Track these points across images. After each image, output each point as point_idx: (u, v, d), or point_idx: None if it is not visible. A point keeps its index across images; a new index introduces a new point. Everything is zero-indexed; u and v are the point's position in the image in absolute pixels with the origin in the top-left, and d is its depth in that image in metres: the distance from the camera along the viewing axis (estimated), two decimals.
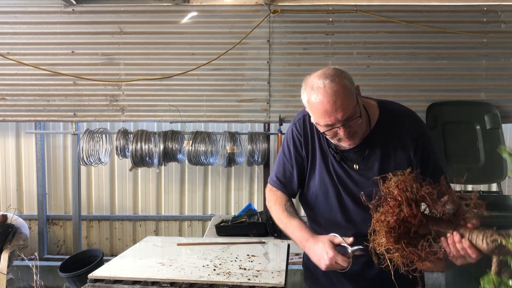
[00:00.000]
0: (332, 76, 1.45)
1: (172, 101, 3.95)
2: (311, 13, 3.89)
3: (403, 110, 1.67)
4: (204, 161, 3.83)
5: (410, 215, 1.25)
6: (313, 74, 1.51)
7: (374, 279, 1.68)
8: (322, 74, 1.47)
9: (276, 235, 3.00)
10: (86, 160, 3.84)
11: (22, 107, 3.99)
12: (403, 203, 1.26)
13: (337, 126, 1.46)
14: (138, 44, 3.94)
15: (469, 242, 1.23)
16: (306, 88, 1.50)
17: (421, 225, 1.28)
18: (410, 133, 1.59)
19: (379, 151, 1.60)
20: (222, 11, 3.92)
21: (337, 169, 1.63)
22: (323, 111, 1.45)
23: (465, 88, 3.89)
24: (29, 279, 3.88)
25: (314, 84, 1.46)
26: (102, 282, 1.56)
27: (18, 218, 3.75)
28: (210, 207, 4.42)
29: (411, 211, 1.25)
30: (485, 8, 3.86)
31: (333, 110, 1.43)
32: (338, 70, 1.50)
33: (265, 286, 1.51)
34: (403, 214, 1.26)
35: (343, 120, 1.45)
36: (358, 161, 1.61)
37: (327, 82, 1.44)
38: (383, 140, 1.60)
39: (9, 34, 3.96)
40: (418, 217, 1.26)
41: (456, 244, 1.24)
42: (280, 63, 3.93)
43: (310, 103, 1.49)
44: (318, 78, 1.46)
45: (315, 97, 1.45)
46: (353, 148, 1.60)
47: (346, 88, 1.45)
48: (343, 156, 1.62)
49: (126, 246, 4.36)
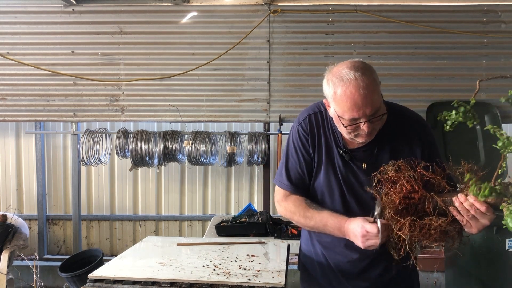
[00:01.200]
0: (363, 69, 1.42)
1: (172, 101, 3.95)
2: (311, 13, 3.89)
3: (410, 113, 1.68)
4: (204, 161, 3.83)
5: (412, 191, 1.34)
6: (341, 65, 1.45)
7: (373, 280, 1.68)
8: (353, 66, 1.42)
9: (276, 235, 3.00)
10: (86, 160, 3.84)
11: (22, 107, 3.99)
12: (403, 181, 1.35)
13: (362, 121, 1.43)
14: (138, 44, 3.94)
15: (474, 197, 1.28)
16: (333, 79, 1.45)
17: (425, 200, 1.34)
18: (417, 135, 1.60)
19: (388, 150, 1.59)
20: (222, 11, 3.92)
21: (343, 170, 1.61)
22: (353, 104, 1.40)
23: (465, 88, 3.88)
24: (29, 279, 3.88)
25: (344, 76, 1.41)
26: (102, 282, 1.56)
27: (18, 218, 3.76)
28: (210, 207, 4.42)
29: (411, 187, 1.34)
30: (485, 8, 3.85)
31: (362, 105, 1.39)
32: (366, 63, 1.46)
33: (265, 286, 1.50)
34: (405, 189, 1.34)
35: (369, 115, 1.42)
36: (367, 160, 1.59)
37: (358, 74, 1.39)
38: (391, 140, 1.60)
39: (9, 34, 3.96)
40: (420, 192, 1.34)
41: (464, 203, 1.28)
42: (280, 63, 3.93)
43: (337, 94, 1.43)
44: (349, 70, 1.41)
45: (344, 90, 1.40)
46: (362, 147, 1.59)
47: (375, 82, 1.43)
48: (351, 156, 1.60)
49: (126, 246, 4.36)
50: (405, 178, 1.36)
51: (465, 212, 1.28)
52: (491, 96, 3.87)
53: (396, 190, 1.35)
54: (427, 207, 1.34)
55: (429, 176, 1.37)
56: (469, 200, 1.27)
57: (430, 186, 1.38)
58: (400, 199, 1.33)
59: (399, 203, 1.33)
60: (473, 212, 1.27)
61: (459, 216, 1.30)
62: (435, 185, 1.38)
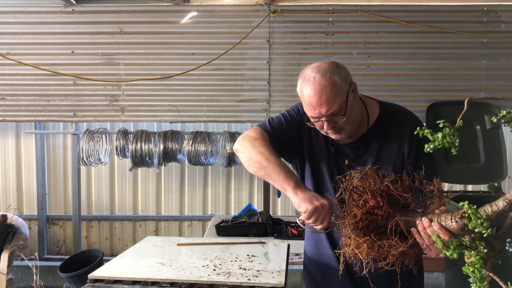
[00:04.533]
0: (324, 70, 1.47)
1: (172, 101, 3.94)
2: (311, 13, 3.89)
3: (403, 111, 1.66)
4: (204, 161, 3.83)
5: (376, 206, 1.25)
6: (310, 65, 1.54)
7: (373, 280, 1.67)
8: (316, 67, 1.50)
9: (276, 235, 3.00)
10: (86, 160, 3.84)
11: (22, 107, 3.99)
12: (368, 194, 1.26)
13: (322, 120, 1.49)
14: (138, 44, 3.94)
15: (438, 224, 1.21)
16: (300, 78, 1.54)
17: (388, 216, 1.26)
18: (406, 134, 1.59)
19: (375, 150, 1.59)
20: (222, 11, 3.92)
21: (331, 162, 1.64)
22: (309, 104, 1.48)
23: (465, 88, 3.88)
24: (29, 279, 3.88)
25: (306, 76, 1.49)
26: (102, 282, 1.56)
27: (18, 218, 3.76)
28: (210, 207, 4.42)
29: (376, 202, 1.25)
30: (485, 8, 3.85)
31: (317, 104, 1.46)
32: (333, 64, 1.50)
33: (265, 286, 1.50)
34: (368, 205, 1.25)
35: (327, 115, 1.47)
36: (351, 157, 1.61)
37: (317, 76, 1.46)
38: (380, 139, 1.60)
39: (9, 34, 3.95)
40: (384, 208, 1.25)
41: (427, 229, 1.22)
42: (280, 63, 3.92)
43: (301, 93, 1.53)
44: (311, 71, 1.49)
45: (305, 89, 1.49)
46: (349, 144, 1.61)
47: (334, 84, 1.46)
48: (337, 149, 1.63)
49: (126, 246, 4.36)
50: (371, 190, 1.27)
51: (426, 238, 1.23)
52: (491, 96, 3.87)
53: (359, 203, 1.27)
54: (388, 224, 1.26)
55: (395, 192, 1.27)
56: (433, 227, 1.21)
57: (395, 200, 1.30)
58: (362, 215, 1.25)
59: (360, 220, 1.25)
60: (434, 238, 1.21)
61: (420, 240, 1.25)
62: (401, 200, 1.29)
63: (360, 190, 1.29)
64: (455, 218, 1.19)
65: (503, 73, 3.88)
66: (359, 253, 1.26)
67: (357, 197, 1.29)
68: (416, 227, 1.25)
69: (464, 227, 1.15)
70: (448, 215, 1.21)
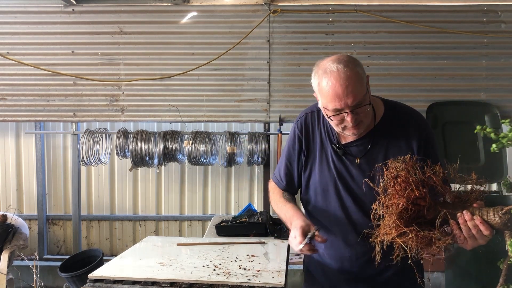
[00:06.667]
0: (346, 61, 1.46)
1: (172, 101, 3.95)
2: (311, 13, 3.89)
3: (409, 109, 1.67)
4: (204, 161, 3.83)
5: (420, 197, 1.24)
6: (327, 59, 1.50)
7: (375, 281, 1.67)
8: (336, 59, 1.47)
9: (276, 235, 2.99)
10: (86, 160, 3.84)
11: (22, 107, 3.99)
12: (411, 185, 1.24)
13: (346, 112, 1.46)
14: (138, 44, 3.94)
15: (480, 218, 1.22)
16: (318, 71, 1.49)
17: (430, 207, 1.27)
18: (415, 131, 1.59)
19: (383, 146, 1.59)
20: (222, 11, 3.92)
21: (338, 165, 1.62)
22: (334, 95, 1.44)
23: (465, 88, 3.88)
24: (29, 279, 3.88)
25: (327, 68, 1.45)
26: (102, 282, 1.56)
27: (18, 218, 3.75)
28: (210, 207, 4.42)
29: (420, 193, 1.24)
30: (485, 8, 3.85)
31: (344, 95, 1.43)
32: (351, 57, 1.51)
33: (265, 286, 1.50)
34: (413, 195, 1.24)
35: (352, 106, 1.44)
36: (360, 156, 1.60)
37: (340, 66, 1.44)
38: (387, 136, 1.60)
39: (9, 34, 3.96)
40: (428, 199, 1.25)
41: (468, 222, 1.23)
42: (280, 63, 3.93)
43: (320, 86, 1.48)
44: (332, 62, 1.46)
45: (327, 81, 1.45)
46: (355, 142, 1.60)
47: (358, 75, 1.45)
48: (345, 151, 1.61)
49: (126, 246, 4.36)
50: (415, 181, 1.25)
51: (466, 231, 1.24)
52: (491, 96, 3.87)
53: (404, 193, 1.25)
54: (427, 215, 1.26)
55: (438, 184, 1.27)
56: (474, 221, 1.22)
57: (435, 191, 1.31)
58: (407, 204, 1.24)
59: (405, 209, 1.24)
60: (474, 232, 1.23)
61: (458, 232, 1.26)
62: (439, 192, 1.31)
63: (404, 179, 1.26)
64: (497, 213, 1.21)
65: (503, 73, 3.88)
66: (403, 242, 1.24)
67: (403, 186, 1.26)
68: (456, 219, 1.26)
69: (507, 222, 1.19)
70: (490, 210, 1.23)
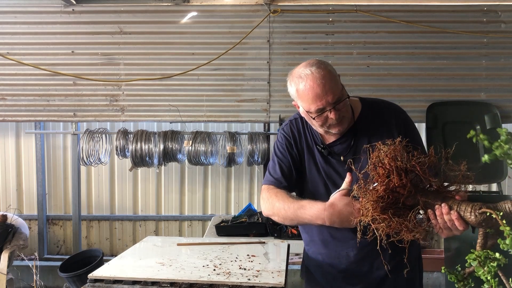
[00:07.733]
0: (317, 64, 1.54)
1: (172, 101, 3.95)
2: (311, 13, 3.89)
3: (385, 102, 1.73)
4: (204, 161, 3.83)
5: (400, 185, 1.22)
6: (297, 67, 1.58)
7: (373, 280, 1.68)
8: (307, 64, 1.55)
9: (276, 235, 3.00)
10: (86, 160, 3.84)
11: (22, 107, 3.99)
12: (393, 172, 1.22)
13: (328, 110, 1.51)
14: (138, 44, 3.94)
15: (457, 214, 1.22)
16: (293, 79, 1.57)
17: (410, 195, 1.25)
18: (393, 119, 1.64)
19: (365, 140, 1.62)
20: (222, 11, 3.92)
21: (325, 166, 1.65)
22: (314, 95, 1.49)
23: (465, 88, 3.89)
24: (29, 279, 3.88)
25: (301, 73, 1.53)
26: (102, 282, 1.55)
27: (18, 218, 3.75)
28: (210, 207, 4.42)
29: (400, 181, 1.22)
30: (485, 8, 3.85)
31: (323, 93, 1.49)
32: (320, 59, 1.58)
33: (265, 286, 1.50)
34: (392, 184, 1.22)
35: (333, 102, 1.50)
36: (345, 153, 1.63)
37: (313, 69, 1.51)
38: (367, 129, 1.64)
39: (9, 34, 3.96)
40: (408, 187, 1.23)
41: (444, 215, 1.24)
42: (280, 63, 3.92)
43: (299, 91, 1.54)
44: (304, 67, 1.54)
45: (304, 84, 1.51)
46: (338, 140, 1.64)
47: (331, 73, 1.53)
48: (330, 151, 1.65)
49: (126, 246, 4.36)
50: (396, 167, 1.21)
51: (442, 222, 1.25)
52: (491, 96, 3.87)
53: (383, 180, 1.22)
54: (406, 201, 1.25)
55: (421, 175, 1.24)
56: (451, 215, 1.22)
57: (419, 179, 1.27)
58: (384, 192, 1.22)
59: (381, 197, 1.22)
60: (449, 225, 1.24)
61: (434, 221, 1.26)
62: (423, 181, 1.27)
63: (386, 165, 1.23)
64: (475, 211, 1.20)
65: (503, 73, 3.88)
66: (375, 228, 1.24)
67: (382, 172, 1.24)
68: (434, 210, 1.26)
69: (482, 222, 1.18)
70: (468, 207, 1.22)
